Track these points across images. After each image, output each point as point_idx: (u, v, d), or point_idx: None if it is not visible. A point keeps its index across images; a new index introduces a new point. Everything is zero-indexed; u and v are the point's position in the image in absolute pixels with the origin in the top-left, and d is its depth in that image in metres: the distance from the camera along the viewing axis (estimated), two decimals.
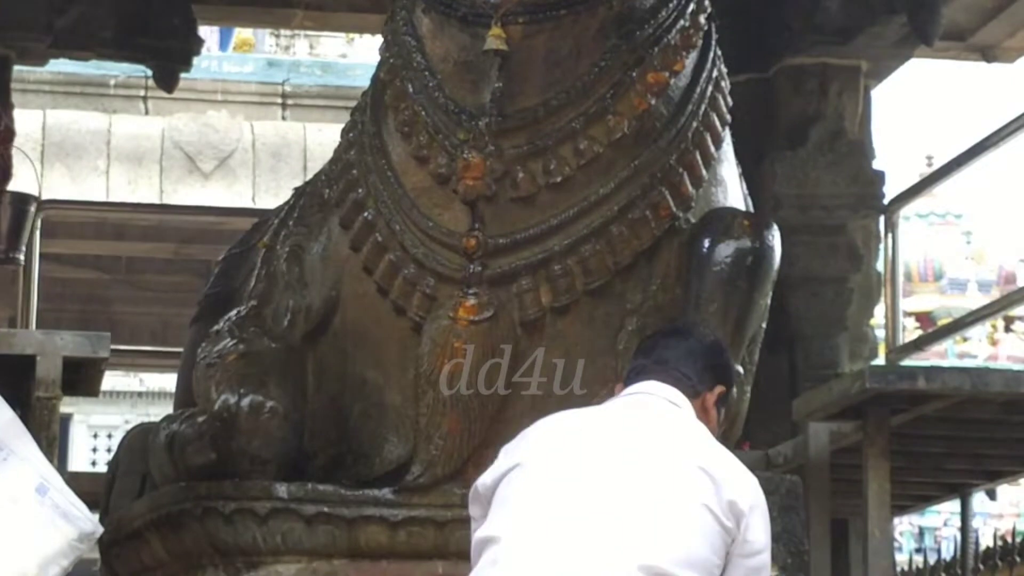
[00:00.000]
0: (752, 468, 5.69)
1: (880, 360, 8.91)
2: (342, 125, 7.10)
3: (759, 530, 4.71)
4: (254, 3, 10.53)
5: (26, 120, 10.91)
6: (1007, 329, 27.25)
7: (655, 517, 4.62)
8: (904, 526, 11.21)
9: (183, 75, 9.35)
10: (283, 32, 13.21)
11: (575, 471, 4.79)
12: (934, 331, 11.57)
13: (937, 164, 10.01)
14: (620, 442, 4.81)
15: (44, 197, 9.84)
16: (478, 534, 4.72)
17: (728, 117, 6.55)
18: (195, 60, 9.55)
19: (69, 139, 12.09)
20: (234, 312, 6.80)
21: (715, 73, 6.52)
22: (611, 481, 4.73)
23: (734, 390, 5.34)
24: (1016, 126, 8.55)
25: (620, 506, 4.67)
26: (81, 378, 6.69)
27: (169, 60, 9.08)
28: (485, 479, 4.80)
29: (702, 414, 4.82)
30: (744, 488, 4.70)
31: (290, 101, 14.57)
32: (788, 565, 5.36)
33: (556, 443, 4.89)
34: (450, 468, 6.43)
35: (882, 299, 9.12)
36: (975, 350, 28.76)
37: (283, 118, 14.26)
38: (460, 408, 6.42)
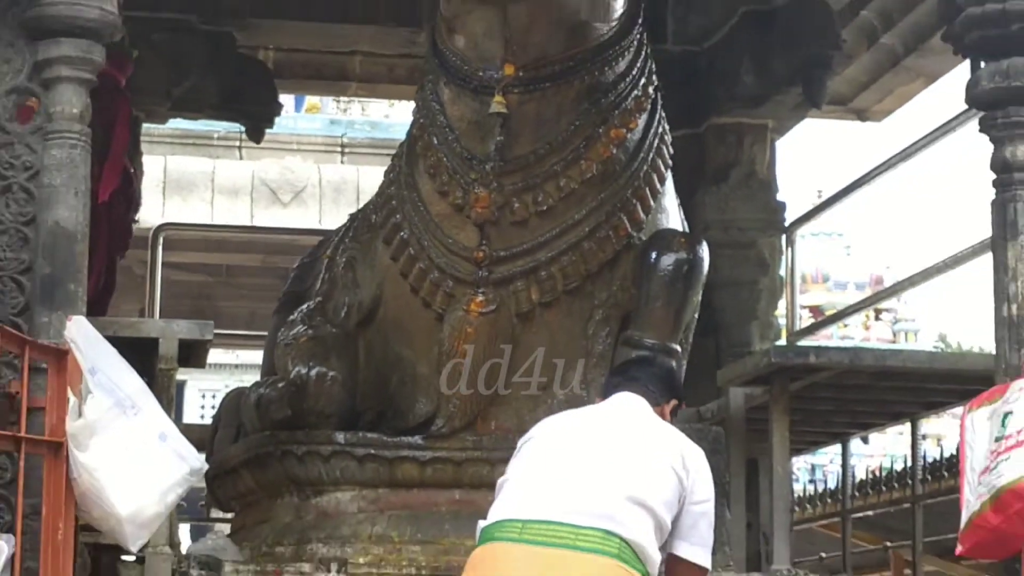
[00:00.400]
0: (687, 421, 6.83)
1: (782, 341, 8.87)
2: (385, 167, 7.03)
3: (704, 487, 5.00)
4: (319, 77, 10.43)
5: (151, 164, 10.89)
6: (876, 318, 27.27)
7: (635, 469, 4.90)
8: (800, 464, 11.09)
9: (268, 130, 9.26)
10: (342, 98, 13.02)
11: (574, 441, 5.05)
12: (822, 320, 11.49)
13: (825, 195, 9.91)
14: (609, 425, 5.09)
15: (164, 221, 9.70)
16: (499, 480, 5.08)
17: (669, 162, 6.87)
18: (276, 119, 9.47)
19: (183, 178, 12.06)
20: (305, 306, 7.03)
21: (660, 129, 6.74)
22: (601, 447, 4.98)
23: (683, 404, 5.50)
24: (883, 168, 8.52)
25: (608, 461, 4.93)
26: (192, 354, 6.79)
27: (258, 119, 9.02)
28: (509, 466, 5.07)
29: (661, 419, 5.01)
30: (695, 458, 4.93)
31: (347, 150, 14.41)
32: (714, 493, 5.38)
33: (560, 425, 5.18)
34: (464, 421, 6.65)
35: (783, 296, 9.06)
36: (853, 334, 28.80)
37: (341, 162, 14.15)
38: (468, 378, 6.53)
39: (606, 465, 4.80)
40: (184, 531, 9.57)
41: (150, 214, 9.51)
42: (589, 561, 4.53)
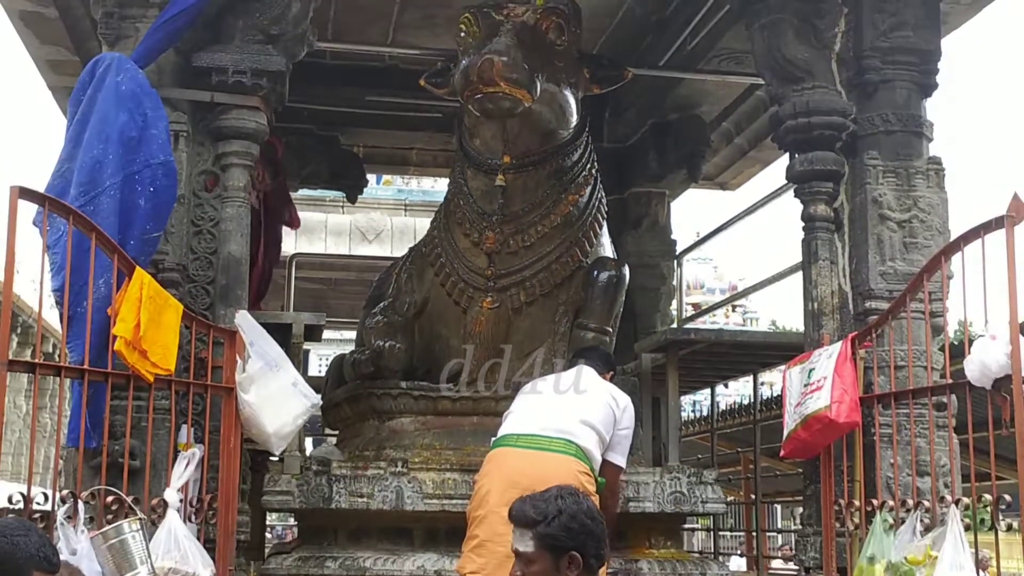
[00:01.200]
0: (618, 375, 6.37)
1: (675, 326, 8.82)
2: (431, 218, 7.06)
3: (627, 419, 5.41)
4: (391, 163, 10.41)
5: None
6: (732, 311, 27.18)
7: (586, 405, 5.27)
8: (685, 400, 11.00)
9: (359, 195, 9.25)
10: (405, 176, 13.06)
11: (549, 390, 5.45)
12: (698, 312, 11.46)
13: (702, 234, 9.90)
14: (571, 382, 5.43)
15: (297, 251, 9.70)
16: (504, 413, 5.45)
17: (605, 215, 6.83)
18: (365, 189, 9.47)
19: (308, 224, 12.08)
20: (382, 304, 7.06)
21: (599, 195, 6.77)
22: (566, 393, 5.36)
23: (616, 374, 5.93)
24: (737, 218, 8.50)
25: (570, 401, 5.31)
26: (312, 333, 6.88)
27: (353, 189, 9.00)
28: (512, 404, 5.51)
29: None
30: (623, 402, 5.40)
31: (408, 207, 14.46)
32: (633, 421, 5.44)
33: (542, 381, 5.61)
34: (476, 376, 6.46)
35: (675, 298, 9.02)
36: (718, 321, 28.75)
37: (404, 215, 14.20)
38: (484, 344, 6.57)
39: (568, 403, 5.39)
40: (308, 442, 9.57)
41: (288, 247, 9.53)
42: (557, 458, 4.93)
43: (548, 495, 3.09)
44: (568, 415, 5.07)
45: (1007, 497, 4.74)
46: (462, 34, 6.18)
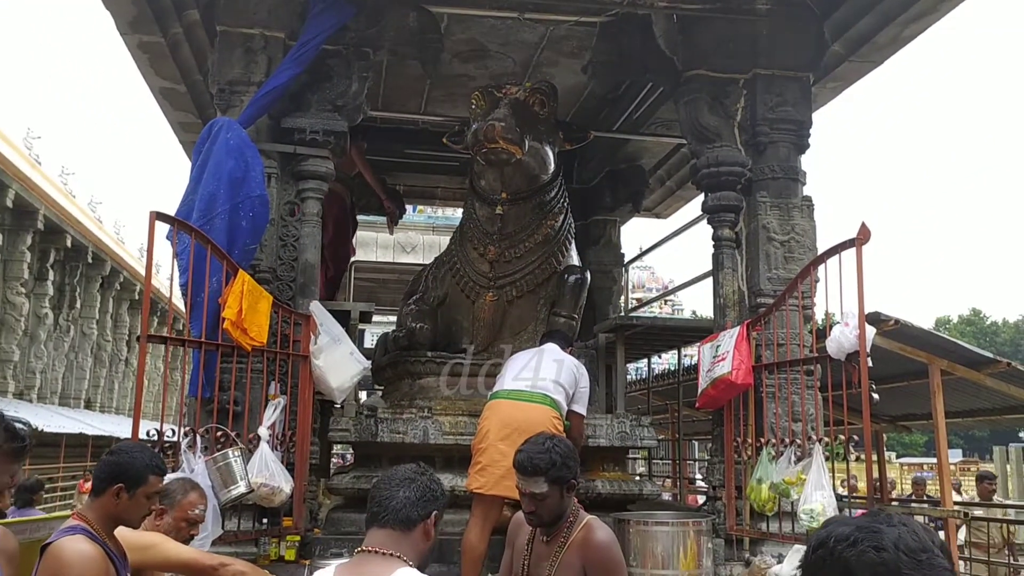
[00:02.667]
0: (582, 348, 6.56)
1: (623, 314, 8.78)
2: (450, 236, 6.96)
3: (584, 380, 5.25)
4: (423, 196, 10.34)
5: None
6: (665, 303, 26.89)
7: (556, 370, 5.09)
8: (631, 367, 10.90)
9: (401, 219, 9.19)
10: (433, 206, 12.95)
11: (529, 359, 5.22)
12: (640, 304, 11.38)
13: (644, 247, 9.85)
14: (544, 353, 5.23)
15: (355, 259, 9.58)
16: (498, 376, 5.31)
17: (573, 235, 6.77)
18: (404, 216, 9.42)
19: (363, 240, 11.90)
20: (414, 296, 6.94)
21: (569, 221, 6.76)
22: (542, 361, 5.16)
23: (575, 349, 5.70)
24: (668, 238, 8.45)
25: (544, 366, 5.11)
26: (365, 317, 6.70)
27: (395, 216, 8.93)
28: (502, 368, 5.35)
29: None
30: (581, 368, 5.24)
31: (435, 228, 14.35)
32: (589, 381, 5.37)
33: (523, 352, 5.37)
34: (483, 347, 6.56)
35: (623, 294, 8.99)
36: (655, 311, 28.36)
37: (432, 234, 14.08)
38: (486, 326, 6.52)
39: (543, 368, 5.12)
40: (362, 395, 9.52)
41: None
42: (537, 407, 4.86)
43: (543, 447, 3.00)
44: (543, 376, 5.03)
45: (855, 437, 4.78)
46: (473, 106, 6.18)
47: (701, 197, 6.16)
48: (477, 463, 4.80)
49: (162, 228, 4.48)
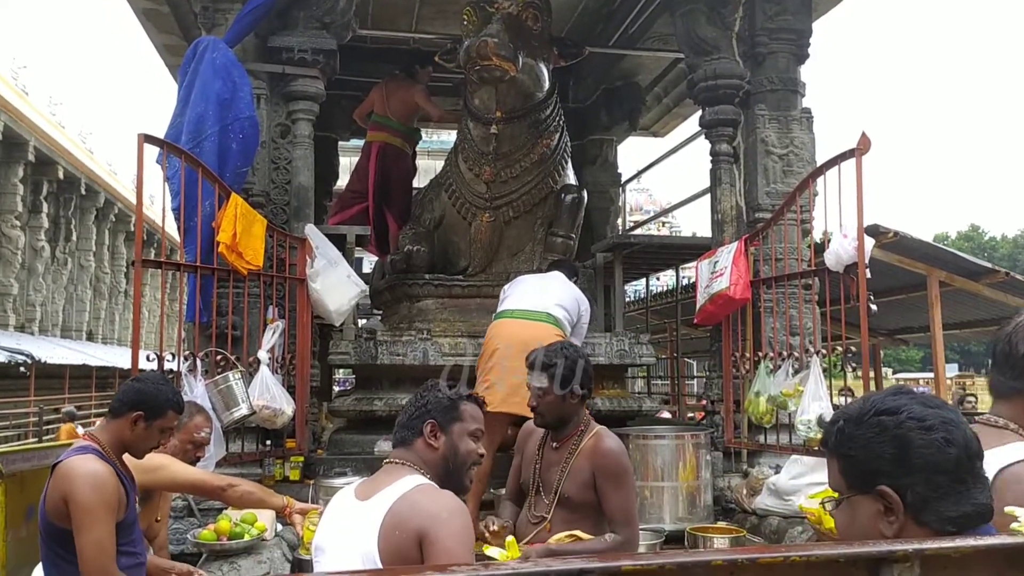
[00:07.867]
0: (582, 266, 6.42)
1: (620, 232, 8.73)
2: (445, 159, 6.87)
3: (585, 313, 5.28)
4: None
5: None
6: (663, 224, 26.88)
7: (558, 293, 5.12)
8: (629, 287, 10.85)
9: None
10: (427, 129, 12.71)
11: (534, 282, 5.25)
12: (637, 224, 11.35)
13: (639, 168, 9.73)
14: (548, 278, 5.27)
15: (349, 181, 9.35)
16: (500, 296, 5.29)
17: (569, 154, 6.68)
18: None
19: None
20: (411, 219, 6.62)
21: (565, 140, 6.69)
22: (547, 284, 5.19)
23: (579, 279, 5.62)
24: (665, 156, 8.34)
25: (548, 289, 5.14)
26: (362, 241, 6.65)
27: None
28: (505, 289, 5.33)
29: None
30: (582, 296, 5.27)
31: (430, 153, 14.18)
32: (589, 304, 5.37)
33: (528, 276, 5.42)
34: (481, 268, 6.56)
35: (621, 214, 8.94)
36: (652, 231, 28.41)
37: (427, 158, 13.87)
38: (483, 247, 6.46)
39: (548, 291, 5.07)
40: (361, 322, 9.55)
41: (343, 176, 9.12)
42: (541, 325, 4.93)
43: (557, 348, 3.06)
44: (548, 298, 5.03)
45: (852, 349, 4.84)
46: (464, 23, 6.03)
47: (699, 114, 6.08)
48: (485, 380, 4.81)
49: (151, 152, 4.42)
